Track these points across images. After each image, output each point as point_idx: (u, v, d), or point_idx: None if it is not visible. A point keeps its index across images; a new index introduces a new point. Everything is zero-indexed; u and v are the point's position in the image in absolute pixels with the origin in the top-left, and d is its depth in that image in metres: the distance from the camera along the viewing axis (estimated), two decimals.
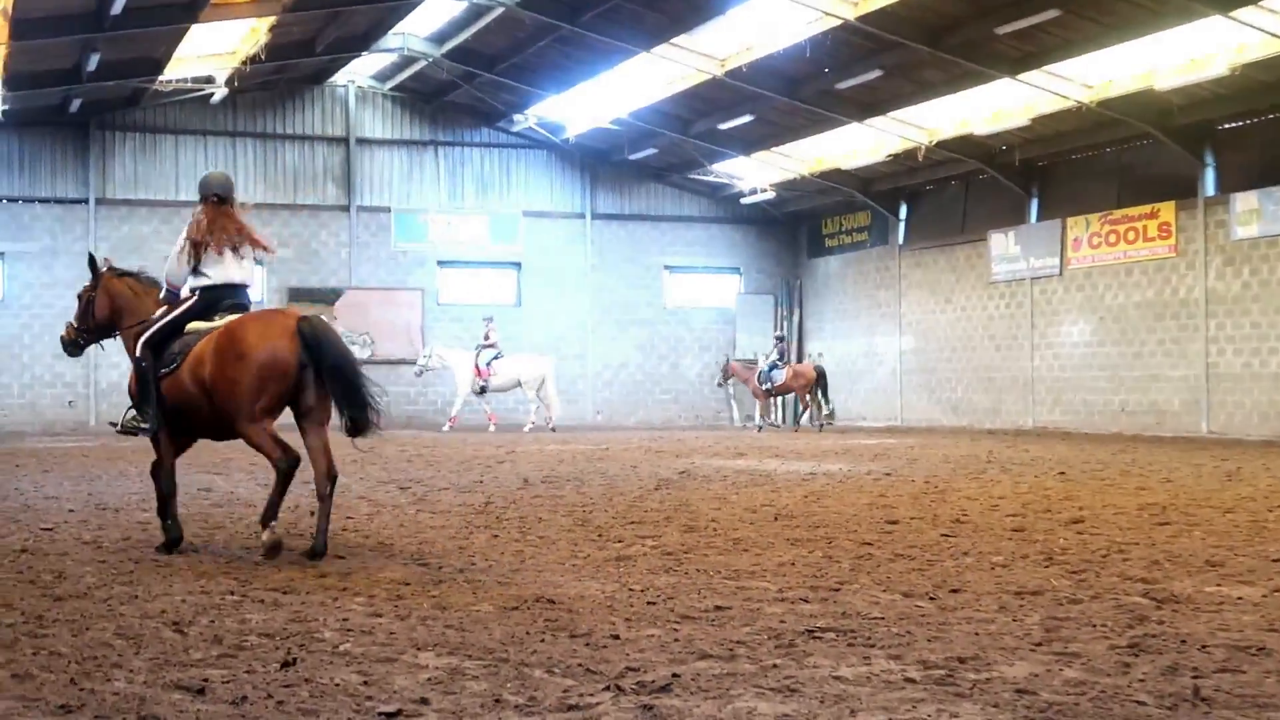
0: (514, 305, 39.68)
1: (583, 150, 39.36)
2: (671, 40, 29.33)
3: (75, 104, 34.09)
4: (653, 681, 5.34)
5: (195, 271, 9.98)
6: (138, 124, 36.68)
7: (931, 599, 7.40)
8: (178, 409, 9.76)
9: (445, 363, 34.56)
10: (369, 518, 11.76)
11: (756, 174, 38.56)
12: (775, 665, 5.66)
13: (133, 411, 10.09)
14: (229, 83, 34.10)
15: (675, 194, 41.10)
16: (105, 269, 10.97)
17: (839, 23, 26.09)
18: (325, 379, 9.35)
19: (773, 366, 35.16)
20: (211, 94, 35.33)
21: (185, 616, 6.86)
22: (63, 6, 25.91)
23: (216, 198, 10.15)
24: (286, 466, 9.28)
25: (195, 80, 33.97)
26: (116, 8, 24.89)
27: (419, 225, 38.80)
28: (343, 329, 36.30)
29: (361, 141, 38.49)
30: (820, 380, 35.12)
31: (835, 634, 6.35)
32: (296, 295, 37.32)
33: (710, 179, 39.54)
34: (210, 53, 32.43)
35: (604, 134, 37.34)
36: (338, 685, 5.31)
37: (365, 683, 5.36)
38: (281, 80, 36.69)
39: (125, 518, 11.82)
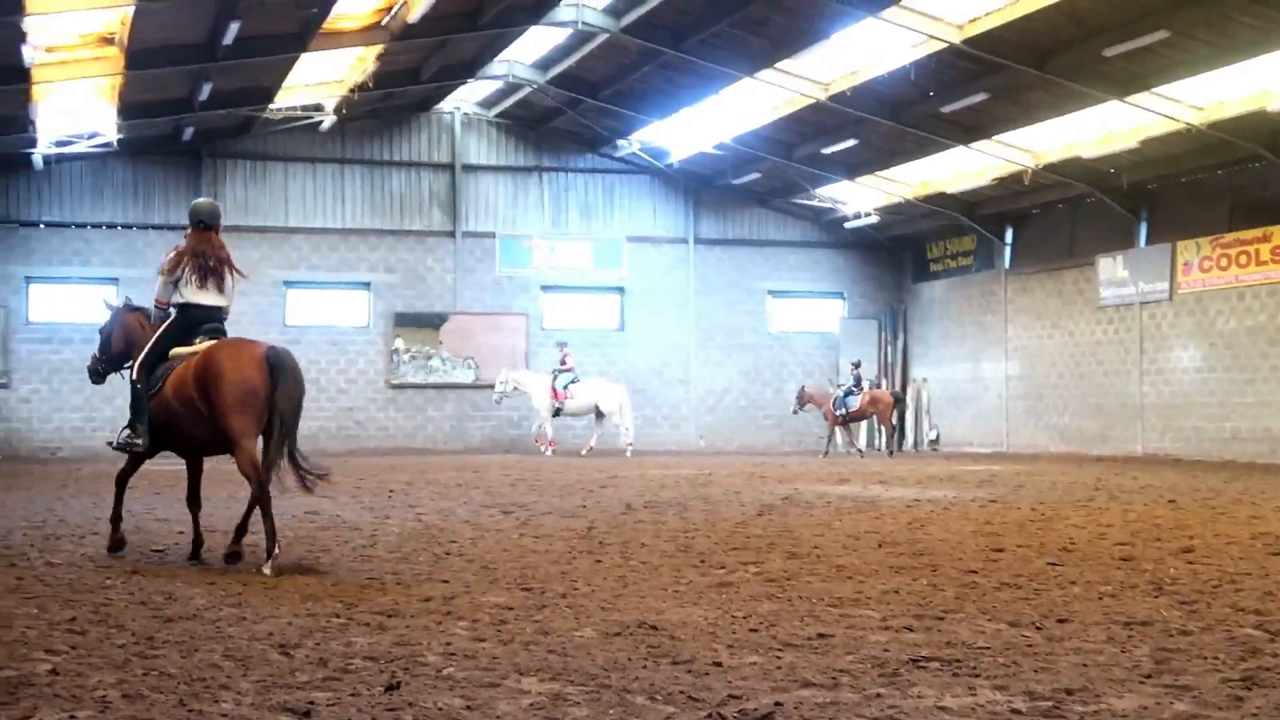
0: (617, 330, 39.78)
1: (686, 175, 39.41)
2: (775, 65, 29.31)
3: (188, 132, 34.70)
4: (755, 710, 5.31)
5: (178, 292, 10.83)
6: (248, 152, 37.25)
7: (1038, 629, 7.30)
8: (162, 428, 10.71)
9: (522, 388, 34.69)
10: (472, 542, 11.81)
11: (860, 198, 38.39)
12: (879, 695, 5.61)
13: (128, 431, 10.93)
14: (337, 110, 34.57)
15: (778, 218, 41.03)
16: (123, 304, 11.93)
17: (944, 46, 25.92)
18: (276, 403, 10.15)
19: (848, 392, 34.96)
20: (320, 122, 35.82)
21: (291, 639, 6.93)
22: (176, 37, 26.41)
23: (202, 224, 11.07)
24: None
25: (304, 108, 34.46)
26: (228, 37, 25.34)
27: (523, 251, 39.03)
28: (448, 353, 36.71)
29: (467, 168, 38.82)
30: (898, 406, 34.91)
31: (940, 663, 6.29)
32: (402, 320, 37.71)
33: (814, 203, 39.41)
34: (319, 81, 32.90)
35: (707, 159, 37.37)
36: (441, 710, 5.33)
37: (468, 707, 5.39)
38: (388, 107, 37.10)
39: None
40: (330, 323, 37.68)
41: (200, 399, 10.18)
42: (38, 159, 34.24)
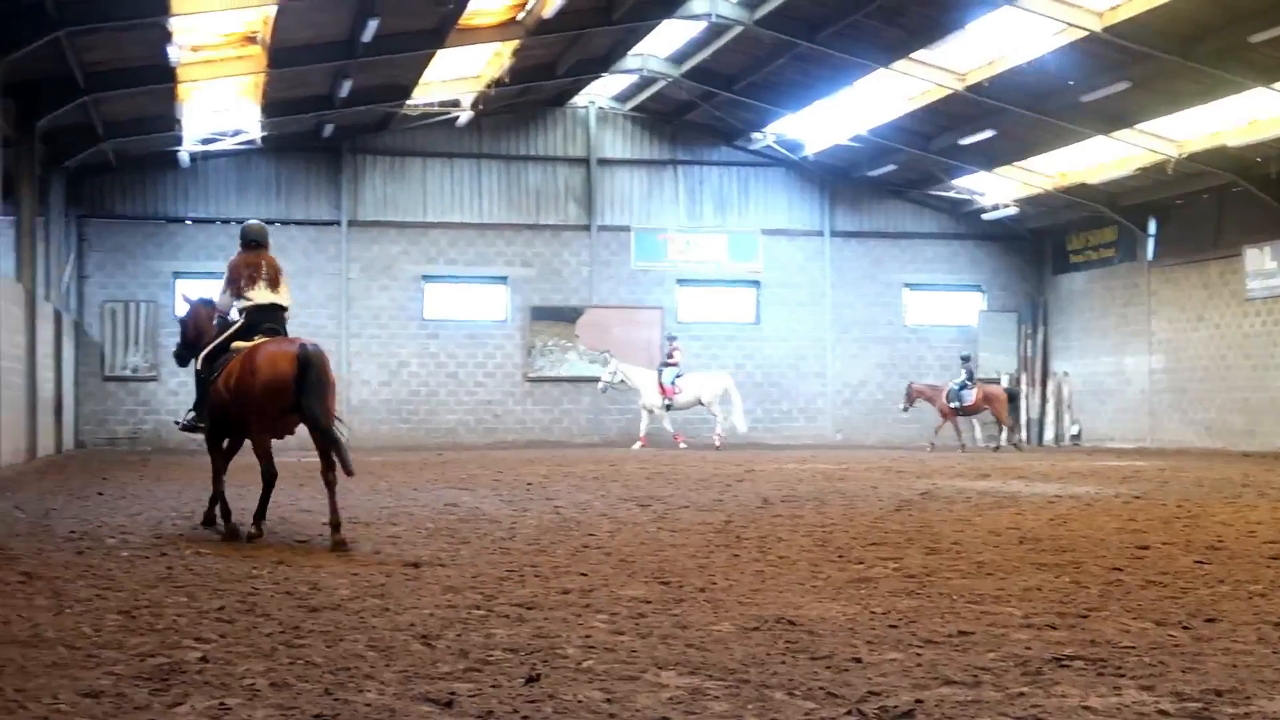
0: (753, 323, 39.70)
1: (821, 167, 39.20)
2: (911, 55, 29.07)
3: (328, 129, 35.25)
4: (895, 707, 5.27)
5: (238, 297, 12.39)
6: (386, 147, 37.74)
7: (1185, 628, 7.16)
8: (217, 412, 12.15)
9: (630, 381, 34.69)
10: (610, 535, 11.86)
11: (998, 189, 37.93)
12: (1021, 694, 5.54)
13: (193, 413, 12.69)
14: (474, 106, 34.90)
15: (915, 210, 40.66)
16: (199, 298, 13.48)
17: (1084, 34, 25.50)
18: (303, 395, 11.28)
19: (962, 386, 34.56)
20: (457, 117, 36.19)
21: (433, 630, 7.01)
22: (317, 35, 26.85)
23: (254, 243, 12.69)
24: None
25: (442, 104, 34.84)
26: (368, 35, 25.70)
27: (658, 244, 39.10)
28: (583, 347, 36.89)
29: (602, 162, 38.97)
30: (1013, 402, 34.50)
31: (1084, 662, 6.18)
32: (539, 314, 37.96)
33: (951, 195, 39.02)
34: (456, 77, 33.24)
35: (843, 150, 37.15)
36: (581, 702, 5.36)
37: (608, 700, 5.40)
38: (524, 102, 37.36)
39: (376, 531, 12.13)
40: (468, 317, 38.04)
41: (240, 387, 11.54)
42: (184, 157, 35.02)
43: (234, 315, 12.53)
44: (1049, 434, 39.47)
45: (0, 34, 21.57)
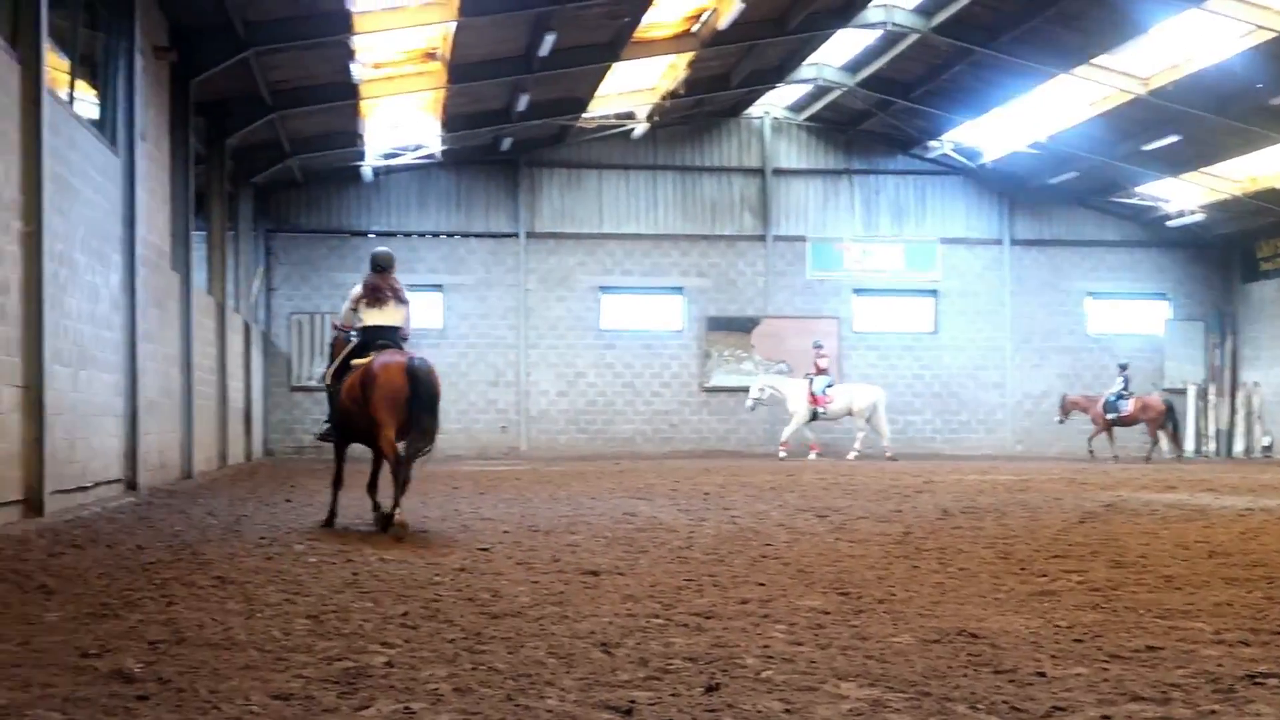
0: (930, 333, 39.31)
1: (1000, 175, 38.68)
2: (1092, 60, 28.54)
3: (506, 143, 35.74)
4: None
5: (356, 318, 13.89)
6: (563, 160, 38.13)
7: None
8: (343, 421, 13.63)
9: (779, 393, 34.34)
10: (788, 545, 11.82)
11: (1184, 195, 37.06)
12: (1213, 711, 5.39)
13: (327, 424, 14.41)
14: (649, 117, 35.11)
15: (1097, 217, 39.90)
16: (334, 325, 15.31)
17: (1274, 35, 24.81)
18: (412, 406, 12.61)
19: (1119, 396, 33.78)
20: (632, 129, 36.44)
21: (613, 638, 7.04)
22: (495, 50, 27.24)
23: (379, 267, 13.95)
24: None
25: (617, 116, 35.12)
26: (545, 49, 26.02)
27: (834, 254, 38.92)
28: (759, 357, 36.83)
29: (777, 171, 38.91)
30: (1170, 414, 33.63)
31: (1279, 680, 6.01)
32: (715, 324, 38.03)
33: (1134, 201, 38.23)
34: (631, 89, 33.46)
35: (1022, 158, 36.60)
36: (760, 712, 5.34)
37: (787, 710, 5.38)
38: (699, 113, 37.48)
39: (555, 540, 12.23)
40: (644, 327, 38.24)
41: (361, 398, 12.87)
42: (367, 172, 35.77)
43: (353, 336, 14.14)
44: (1239, 446, 38.43)
45: (192, 55, 22.26)
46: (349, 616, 7.68)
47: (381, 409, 12.63)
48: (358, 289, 13.94)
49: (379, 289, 13.74)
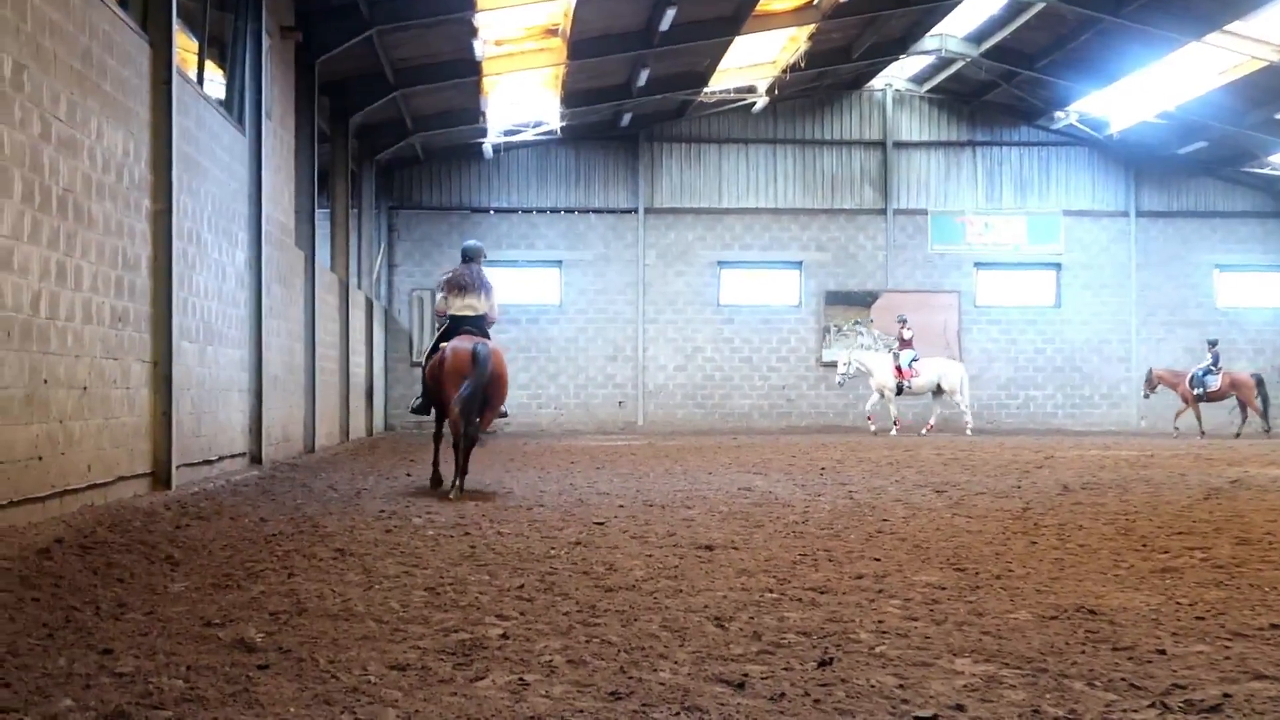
0: (1053, 306, 38.79)
1: (1126, 146, 38.01)
2: (1223, 27, 27.89)
3: (626, 118, 35.75)
4: (1202, 701, 5.10)
5: (447, 306, 15.34)
6: (683, 135, 38.08)
7: None
8: (429, 395, 15.35)
9: (865, 367, 33.82)
10: (905, 520, 11.76)
11: None
12: None
13: (419, 400, 15.73)
14: (770, 91, 34.95)
15: (1226, 188, 39.07)
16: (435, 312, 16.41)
17: None
18: (475, 381, 14.20)
19: (1206, 372, 33.06)
20: (753, 103, 36.31)
21: (726, 612, 7.06)
22: (615, 25, 27.27)
23: (465, 257, 15.59)
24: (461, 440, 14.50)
25: (737, 90, 35.00)
26: (665, 24, 26.00)
27: (955, 227, 38.52)
28: (879, 331, 36.58)
29: (898, 145, 38.57)
30: (1260, 388, 32.85)
31: None
32: (833, 298, 37.84)
33: (1266, 171, 37.37)
34: (752, 63, 33.33)
35: (1149, 128, 35.92)
36: (873, 687, 5.34)
37: (901, 686, 5.37)
38: (820, 86, 37.22)
39: (670, 514, 12.28)
40: (763, 302, 38.13)
41: (437, 376, 14.79)
42: (488, 148, 35.98)
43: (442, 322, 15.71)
44: (1245, 423, 37.47)
45: (316, 34, 22.54)
46: (465, 589, 7.78)
47: (448, 385, 14.42)
48: (444, 279, 15.58)
49: (462, 279, 15.23)
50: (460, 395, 14.13)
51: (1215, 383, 33.22)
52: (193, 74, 16.65)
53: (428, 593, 7.65)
